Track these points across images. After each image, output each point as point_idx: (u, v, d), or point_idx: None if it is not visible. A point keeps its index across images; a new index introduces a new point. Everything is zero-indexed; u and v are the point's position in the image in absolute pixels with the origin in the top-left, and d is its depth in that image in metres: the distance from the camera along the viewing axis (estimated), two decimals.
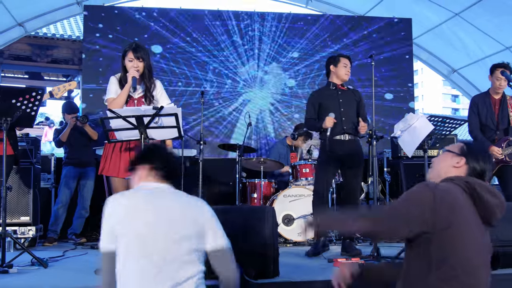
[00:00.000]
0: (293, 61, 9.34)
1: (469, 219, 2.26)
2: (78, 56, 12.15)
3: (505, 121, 5.57)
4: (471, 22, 9.31)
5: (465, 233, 2.22)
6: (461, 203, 2.25)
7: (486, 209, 2.29)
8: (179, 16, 9.02)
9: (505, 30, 9.10)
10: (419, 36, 10.41)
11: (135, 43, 4.48)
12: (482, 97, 5.78)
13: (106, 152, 4.39)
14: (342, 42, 9.55)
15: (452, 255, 2.19)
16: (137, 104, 4.38)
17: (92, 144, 6.81)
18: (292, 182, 6.76)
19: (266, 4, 10.86)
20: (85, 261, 4.95)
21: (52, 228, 6.59)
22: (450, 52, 10.63)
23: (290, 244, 6.32)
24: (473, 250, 2.23)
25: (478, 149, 2.54)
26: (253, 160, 6.91)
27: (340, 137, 5.30)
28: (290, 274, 3.85)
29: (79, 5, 9.30)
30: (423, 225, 2.19)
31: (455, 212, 2.22)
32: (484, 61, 9.95)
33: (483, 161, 2.46)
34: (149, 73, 4.46)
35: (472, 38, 9.71)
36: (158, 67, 8.62)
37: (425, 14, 9.72)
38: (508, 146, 5.38)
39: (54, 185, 7.11)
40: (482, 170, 2.44)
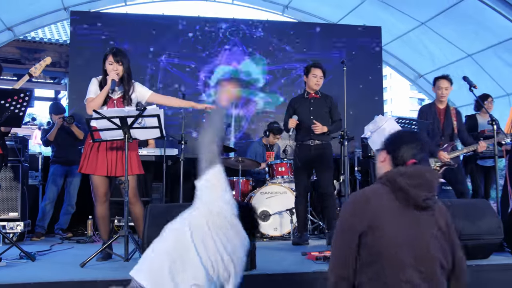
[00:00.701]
0: (269, 66, 9.35)
1: (390, 216, 2.17)
2: (65, 59, 12.04)
3: (449, 128, 5.78)
4: (436, 31, 9.43)
5: (387, 233, 2.15)
6: (377, 206, 2.20)
7: (408, 195, 2.17)
8: (162, 22, 8.98)
9: (467, 39, 9.23)
10: (388, 43, 10.52)
11: (115, 48, 4.53)
12: (429, 107, 5.96)
13: (86, 151, 4.40)
14: (315, 48, 9.58)
15: (377, 256, 2.15)
16: (116, 105, 4.42)
17: (78, 143, 6.77)
18: (269, 180, 6.78)
19: (244, 11, 10.88)
20: (71, 254, 4.91)
21: (40, 224, 6.54)
22: (416, 58, 10.75)
23: (267, 239, 6.34)
24: (398, 247, 2.13)
25: (394, 136, 2.41)
26: (232, 159, 6.92)
27: (308, 142, 5.46)
28: (266, 267, 3.86)
29: (66, 10, 9.24)
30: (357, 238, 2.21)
31: (372, 216, 2.17)
32: (447, 67, 10.09)
33: (400, 144, 2.33)
34: (128, 76, 4.51)
35: (437, 46, 9.84)
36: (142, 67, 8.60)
37: (394, 22, 9.82)
38: (452, 150, 5.57)
39: (41, 182, 7.04)
40: (403, 154, 2.29)
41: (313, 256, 4.29)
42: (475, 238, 4.07)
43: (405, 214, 2.19)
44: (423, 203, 2.18)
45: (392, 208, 2.19)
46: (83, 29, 8.64)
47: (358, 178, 7.34)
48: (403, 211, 2.19)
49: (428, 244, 2.18)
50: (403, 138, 2.37)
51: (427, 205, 2.20)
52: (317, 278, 3.64)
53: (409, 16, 9.42)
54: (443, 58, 10.08)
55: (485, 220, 4.17)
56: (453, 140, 5.78)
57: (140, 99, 4.58)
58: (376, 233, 2.16)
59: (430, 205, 2.21)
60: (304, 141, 5.54)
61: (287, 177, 6.71)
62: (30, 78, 4.62)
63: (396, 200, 2.20)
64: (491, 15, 8.18)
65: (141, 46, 8.78)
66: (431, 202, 2.20)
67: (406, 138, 2.37)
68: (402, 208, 2.19)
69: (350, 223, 2.23)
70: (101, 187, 4.40)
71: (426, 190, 2.19)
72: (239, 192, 6.77)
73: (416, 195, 2.17)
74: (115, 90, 4.43)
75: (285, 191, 6.48)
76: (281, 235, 6.37)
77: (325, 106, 5.60)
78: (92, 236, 6.20)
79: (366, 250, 2.18)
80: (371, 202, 2.21)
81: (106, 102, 4.43)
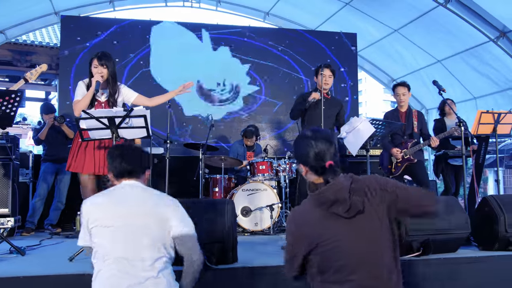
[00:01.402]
0: (250, 70, 9.34)
1: (325, 230, 2.12)
2: (56, 62, 11.90)
3: (410, 128, 5.95)
4: (408, 38, 9.52)
5: (329, 244, 2.11)
6: (311, 222, 2.17)
7: (333, 205, 2.12)
8: (149, 27, 8.93)
9: (437, 46, 9.32)
10: (363, 49, 10.59)
11: (100, 52, 4.52)
12: (392, 112, 6.15)
13: (73, 150, 4.35)
14: (295, 53, 9.60)
15: (325, 266, 2.13)
16: (104, 107, 4.40)
17: (69, 142, 6.70)
18: (250, 177, 6.77)
19: (227, 17, 10.87)
20: (60, 249, 4.85)
21: (30, 219, 6.45)
22: (390, 63, 10.84)
23: (248, 233, 6.33)
24: (342, 256, 2.10)
25: (299, 147, 2.29)
26: (215, 158, 6.90)
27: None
28: (247, 260, 3.86)
29: (56, 15, 9.15)
30: (302, 254, 2.20)
31: (310, 233, 2.15)
32: (419, 72, 10.20)
33: (303, 152, 2.24)
34: (113, 79, 4.50)
35: (409, 52, 9.92)
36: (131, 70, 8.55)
37: (369, 29, 9.89)
38: (413, 146, 5.70)
39: (31, 179, 6.96)
40: (314, 161, 2.22)
41: None
42: (445, 232, 4.11)
43: (339, 222, 2.13)
44: (347, 215, 2.11)
45: (325, 218, 2.15)
46: (73, 33, 8.56)
47: None
48: (336, 220, 2.13)
49: (372, 243, 2.13)
50: (304, 146, 2.26)
51: (353, 214, 2.12)
52: None
53: (383, 23, 9.49)
54: (414, 63, 10.17)
55: (454, 216, 4.21)
56: (414, 138, 5.90)
57: (126, 101, 4.61)
58: (318, 249, 2.14)
59: (356, 211, 2.12)
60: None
61: (267, 175, 6.70)
62: (25, 83, 4.56)
63: (321, 209, 2.16)
64: (459, 23, 8.27)
65: (130, 50, 8.73)
66: (353, 210, 2.11)
67: (306, 144, 2.26)
68: (334, 217, 2.13)
69: (293, 247, 2.24)
70: (89, 184, 4.35)
71: (341, 205, 2.11)
72: (222, 189, 6.75)
73: (337, 211, 2.12)
74: (101, 92, 4.43)
75: (265, 188, 6.48)
76: (262, 230, 6.37)
77: (336, 108, 5.55)
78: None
79: (315, 263, 2.17)
80: (302, 228, 2.19)
81: (93, 105, 4.40)
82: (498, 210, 4.28)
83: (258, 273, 3.62)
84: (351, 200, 2.11)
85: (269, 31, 9.96)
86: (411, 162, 5.73)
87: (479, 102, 9.48)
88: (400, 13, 8.93)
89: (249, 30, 9.48)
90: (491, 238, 4.32)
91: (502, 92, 9.00)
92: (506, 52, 8.25)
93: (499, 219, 4.24)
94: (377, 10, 9.18)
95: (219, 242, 3.59)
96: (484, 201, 4.51)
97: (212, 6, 10.53)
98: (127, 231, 2.48)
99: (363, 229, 2.13)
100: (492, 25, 8.11)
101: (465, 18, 8.14)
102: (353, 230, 2.12)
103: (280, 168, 6.84)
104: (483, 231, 4.43)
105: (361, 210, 2.12)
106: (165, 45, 8.94)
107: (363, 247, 2.11)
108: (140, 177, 2.71)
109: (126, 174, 2.65)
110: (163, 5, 10.31)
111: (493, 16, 7.92)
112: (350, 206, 2.10)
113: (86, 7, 9.48)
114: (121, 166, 2.64)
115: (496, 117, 5.62)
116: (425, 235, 4.03)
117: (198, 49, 9.13)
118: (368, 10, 9.27)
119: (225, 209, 3.82)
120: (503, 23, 7.95)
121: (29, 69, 10.50)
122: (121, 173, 2.65)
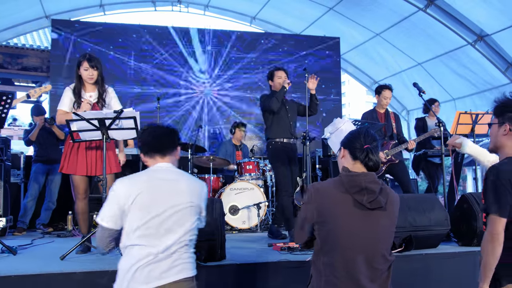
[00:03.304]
0: (238, 72, 9.35)
1: (340, 210, 2.16)
2: (47, 64, 11.77)
3: (390, 130, 5.93)
4: (389, 41, 9.57)
5: (338, 224, 2.15)
6: (329, 199, 2.20)
7: (357, 195, 2.17)
8: (140, 31, 8.89)
9: (417, 49, 9.39)
10: (346, 52, 10.63)
11: (88, 54, 4.43)
12: (370, 113, 6.05)
13: (66, 151, 4.30)
14: (280, 56, 9.63)
15: (329, 244, 2.17)
16: (93, 109, 4.32)
17: (60, 143, 6.64)
18: (238, 177, 6.76)
19: (215, 21, 10.87)
20: (52, 248, 4.79)
21: (22, 219, 6.36)
22: (372, 66, 10.90)
23: (236, 231, 6.32)
24: (347, 239, 2.14)
25: (351, 136, 2.34)
26: (204, 158, 6.88)
27: (290, 140, 5.44)
28: (235, 257, 3.85)
29: (47, 18, 9.08)
30: (311, 221, 2.23)
31: (325, 207, 2.18)
32: (400, 74, 10.26)
33: (355, 144, 2.27)
34: (101, 80, 4.44)
35: (391, 55, 9.98)
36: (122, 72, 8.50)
37: (351, 33, 9.93)
38: (393, 147, 5.68)
39: (23, 180, 6.88)
40: (358, 153, 2.24)
41: (278, 247, 4.29)
42: (426, 229, 4.14)
43: (357, 210, 2.17)
44: (369, 206, 2.15)
45: (343, 201, 2.18)
46: (64, 36, 8.50)
47: (319, 175, 7.37)
48: (355, 207, 2.17)
49: (380, 238, 2.20)
50: (354, 135, 2.33)
51: (374, 207, 2.16)
52: (282, 267, 3.64)
53: (365, 28, 9.54)
54: (396, 66, 10.23)
55: (434, 213, 4.24)
56: (394, 139, 5.91)
57: (107, 102, 4.49)
58: (326, 223, 2.18)
59: (378, 205, 2.17)
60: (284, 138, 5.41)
61: (254, 174, 6.70)
62: (27, 99, 4.54)
63: (349, 194, 2.18)
64: (438, 27, 8.35)
65: (120, 53, 8.69)
66: (376, 204, 2.16)
67: (357, 134, 2.32)
68: (354, 204, 2.17)
69: (306, 210, 2.26)
70: (81, 185, 4.31)
71: (367, 195, 2.15)
72: (210, 188, 6.73)
73: (360, 199, 2.16)
74: (90, 95, 4.38)
75: (252, 187, 6.47)
76: (249, 228, 6.36)
77: (294, 108, 5.56)
78: (72, 230, 6.06)
79: (320, 238, 2.20)
80: (320, 197, 2.22)
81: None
82: (476, 207, 4.31)
83: (245, 269, 3.62)
84: (378, 195, 2.16)
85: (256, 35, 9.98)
86: (393, 162, 5.75)
87: (458, 103, 9.57)
88: (382, 18, 8.99)
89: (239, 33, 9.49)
90: (470, 234, 4.35)
91: (479, 93, 9.09)
92: (484, 55, 8.34)
93: (477, 216, 4.27)
94: (359, 14, 9.22)
95: (207, 240, 3.58)
96: (463, 199, 4.54)
97: (200, 10, 10.53)
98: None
99: (377, 223, 2.19)
100: (470, 29, 8.19)
101: (444, 23, 8.21)
102: (368, 221, 2.17)
103: (266, 168, 6.86)
104: (463, 227, 4.46)
105: (382, 207, 2.18)
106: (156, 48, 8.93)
107: (372, 239, 2.16)
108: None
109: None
110: (152, 9, 10.28)
111: (471, 20, 8.00)
112: (375, 199, 2.15)
113: (77, 11, 9.42)
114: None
115: (474, 118, 5.68)
116: (407, 232, 4.05)
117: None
118: (351, 14, 9.32)
119: (214, 208, 3.81)
120: (480, 27, 8.04)
121: (20, 72, 10.43)
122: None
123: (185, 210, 2.37)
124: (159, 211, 2.30)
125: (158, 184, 2.38)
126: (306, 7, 9.59)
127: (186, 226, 2.36)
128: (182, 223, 2.35)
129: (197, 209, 2.46)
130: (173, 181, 2.42)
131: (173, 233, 2.31)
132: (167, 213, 2.31)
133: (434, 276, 3.93)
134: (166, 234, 2.30)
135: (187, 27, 9.29)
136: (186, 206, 2.38)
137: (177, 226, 2.33)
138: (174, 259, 2.30)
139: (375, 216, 2.18)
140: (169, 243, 2.29)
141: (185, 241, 2.36)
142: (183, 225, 2.35)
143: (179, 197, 2.38)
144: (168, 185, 2.39)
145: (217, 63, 9.32)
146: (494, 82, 8.69)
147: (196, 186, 2.50)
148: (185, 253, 2.36)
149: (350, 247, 2.14)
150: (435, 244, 4.30)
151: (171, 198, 2.35)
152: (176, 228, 2.32)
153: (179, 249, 2.33)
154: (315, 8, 9.49)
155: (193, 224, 2.41)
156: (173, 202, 2.35)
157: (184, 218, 2.36)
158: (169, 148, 2.53)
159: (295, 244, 4.25)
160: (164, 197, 2.34)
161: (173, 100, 8.98)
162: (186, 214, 2.38)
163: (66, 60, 8.43)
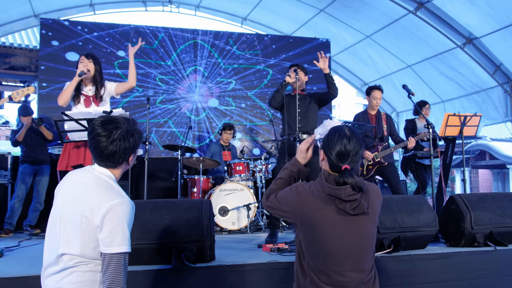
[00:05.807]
0: (229, 73, 9.34)
1: (323, 219, 2.14)
2: (35, 64, 11.70)
3: (381, 131, 5.99)
4: (380, 44, 9.62)
5: (323, 234, 2.14)
6: (313, 205, 2.17)
7: (339, 203, 2.14)
8: (130, 31, 8.86)
9: (407, 51, 9.45)
10: (337, 54, 10.67)
11: (87, 52, 4.60)
12: (362, 114, 6.14)
13: (65, 150, 4.32)
14: (271, 57, 9.64)
15: (314, 249, 2.17)
16: (92, 101, 4.51)
17: (47, 143, 6.59)
18: (227, 178, 6.75)
19: (206, 22, 10.85)
20: (39, 250, 4.71)
21: (9, 221, 6.31)
22: (362, 68, 10.95)
23: (225, 232, 6.31)
24: (333, 246, 2.13)
25: (331, 139, 2.22)
26: (193, 159, 6.86)
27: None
28: (224, 258, 3.84)
29: (36, 17, 9.02)
30: (291, 215, 2.25)
31: (307, 214, 2.17)
32: (390, 76, 10.31)
33: (334, 148, 2.18)
34: (100, 76, 4.59)
35: (381, 57, 10.03)
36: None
37: (342, 35, 9.97)
38: (383, 149, 5.74)
39: (10, 181, 6.82)
40: (335, 158, 2.17)
41: (268, 248, 4.29)
42: (414, 230, 4.15)
43: (340, 215, 2.15)
44: (352, 212, 2.13)
45: (327, 208, 2.16)
46: (52, 35, 8.45)
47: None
48: (338, 212, 2.15)
49: (363, 241, 2.19)
50: (335, 139, 2.22)
51: (357, 213, 2.14)
52: (271, 268, 3.64)
53: (356, 29, 9.58)
54: (386, 68, 10.29)
55: (423, 214, 4.26)
56: (384, 141, 5.96)
57: (110, 94, 4.69)
58: (310, 230, 2.18)
59: (361, 211, 2.15)
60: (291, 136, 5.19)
61: (244, 175, 6.70)
62: (9, 101, 4.53)
63: (329, 199, 2.17)
64: (428, 30, 8.40)
65: (109, 53, 8.66)
66: (359, 210, 2.14)
67: (338, 138, 2.21)
68: (336, 210, 2.16)
69: (284, 200, 2.29)
70: None
71: (349, 202, 2.13)
72: (200, 189, 6.72)
73: (343, 207, 2.13)
74: (89, 88, 4.52)
75: (242, 188, 6.47)
76: (239, 229, 6.36)
77: (312, 103, 5.33)
78: None
79: (304, 242, 2.21)
80: (301, 198, 2.22)
81: (80, 101, 4.49)
82: (464, 208, 4.34)
83: (235, 271, 3.61)
84: (360, 200, 2.14)
85: (247, 36, 9.98)
86: (382, 165, 5.77)
87: (447, 105, 9.64)
88: (373, 20, 9.03)
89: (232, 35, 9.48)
90: (458, 235, 4.38)
91: (468, 96, 9.17)
92: (472, 58, 8.41)
93: (465, 217, 4.30)
94: (350, 16, 9.26)
95: (197, 241, 3.57)
96: (451, 200, 4.57)
97: (191, 11, 10.51)
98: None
99: (362, 227, 2.18)
100: (459, 32, 8.26)
101: (433, 25, 8.27)
102: (353, 227, 2.16)
103: (256, 169, 6.85)
104: (451, 228, 4.49)
105: (365, 212, 2.17)
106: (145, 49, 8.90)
107: (355, 242, 2.16)
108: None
109: None
110: (143, 9, 10.25)
111: (460, 23, 8.07)
112: (357, 205, 2.14)
113: (66, 10, 9.37)
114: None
115: (462, 120, 5.72)
116: (396, 233, 4.07)
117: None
118: (342, 16, 9.35)
119: (203, 209, 3.80)
120: (469, 30, 8.10)
121: (8, 71, 10.34)
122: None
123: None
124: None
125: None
126: (297, 9, 9.61)
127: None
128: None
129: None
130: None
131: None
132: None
133: (422, 276, 3.95)
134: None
135: (178, 27, 9.28)
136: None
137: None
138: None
139: (360, 220, 2.17)
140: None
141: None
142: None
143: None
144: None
145: (207, 65, 9.30)
146: (482, 85, 8.78)
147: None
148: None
149: (336, 253, 2.15)
150: (424, 245, 4.32)
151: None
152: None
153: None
154: (306, 9, 9.52)
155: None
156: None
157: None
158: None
159: (284, 246, 4.26)
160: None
161: (162, 103, 8.95)
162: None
163: (54, 60, 8.38)
